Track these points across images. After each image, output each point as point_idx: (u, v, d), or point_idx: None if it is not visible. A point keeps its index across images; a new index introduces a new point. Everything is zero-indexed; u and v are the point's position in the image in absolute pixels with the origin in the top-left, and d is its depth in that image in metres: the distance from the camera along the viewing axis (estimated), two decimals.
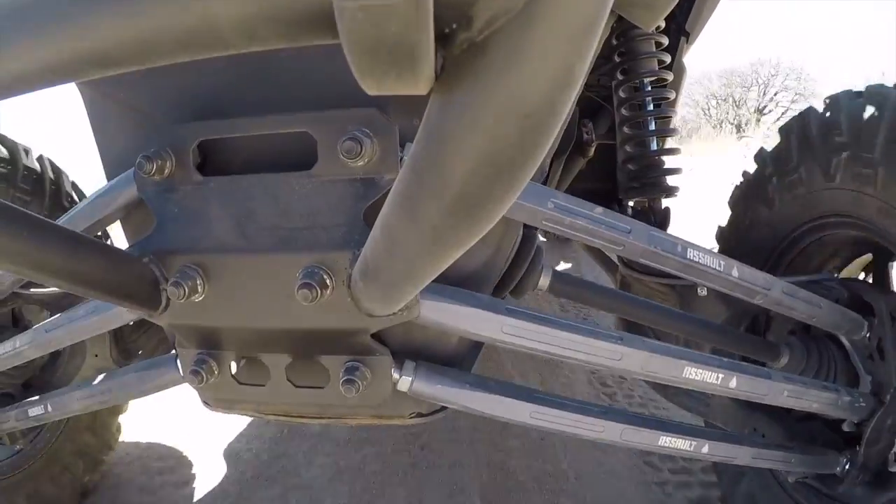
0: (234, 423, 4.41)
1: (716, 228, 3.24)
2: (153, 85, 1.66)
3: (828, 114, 2.58)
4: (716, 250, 2.20)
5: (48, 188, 3.10)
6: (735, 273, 1.97)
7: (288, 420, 1.99)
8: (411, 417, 1.93)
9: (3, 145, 2.97)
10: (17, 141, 3.08)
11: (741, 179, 3.11)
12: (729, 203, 3.16)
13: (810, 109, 2.73)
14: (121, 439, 3.88)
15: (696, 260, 1.87)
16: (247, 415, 2.03)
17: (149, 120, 1.68)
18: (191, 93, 1.64)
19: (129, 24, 0.64)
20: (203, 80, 1.62)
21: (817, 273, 2.70)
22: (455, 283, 1.66)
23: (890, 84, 2.40)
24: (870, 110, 2.34)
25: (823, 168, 2.51)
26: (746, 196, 3.02)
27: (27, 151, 3.10)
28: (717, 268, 1.93)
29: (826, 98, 2.65)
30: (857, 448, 2.39)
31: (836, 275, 2.68)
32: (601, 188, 4.36)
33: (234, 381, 1.76)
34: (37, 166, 3.11)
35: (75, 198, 3.29)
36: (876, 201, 2.29)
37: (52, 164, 3.23)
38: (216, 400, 1.93)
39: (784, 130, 2.84)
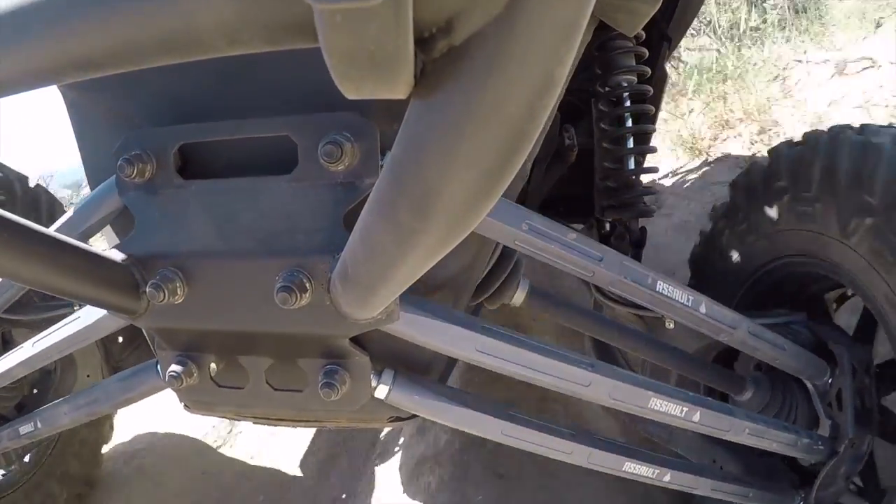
0: None
1: None
2: (135, 88, 1.66)
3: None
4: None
5: (44, 215, 3.11)
6: (703, 309, 2.00)
7: (267, 423, 1.99)
8: (390, 421, 1.94)
9: (1, 173, 2.99)
10: (14, 168, 3.11)
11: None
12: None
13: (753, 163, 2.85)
14: None
15: (665, 293, 1.90)
16: (226, 417, 2.03)
17: (130, 123, 1.67)
18: (172, 96, 1.64)
19: (109, 27, 0.64)
20: (184, 83, 1.62)
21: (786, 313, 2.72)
22: (433, 288, 1.67)
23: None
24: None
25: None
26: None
27: (23, 180, 3.11)
28: (686, 302, 1.96)
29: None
30: (811, 488, 2.43)
31: (801, 316, 2.70)
32: (582, 194, 4.37)
33: (213, 384, 1.76)
34: (34, 194, 3.13)
35: None
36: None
37: (45, 191, 3.24)
38: (195, 402, 1.93)
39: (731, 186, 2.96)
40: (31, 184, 3.15)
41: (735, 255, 2.86)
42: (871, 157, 2.23)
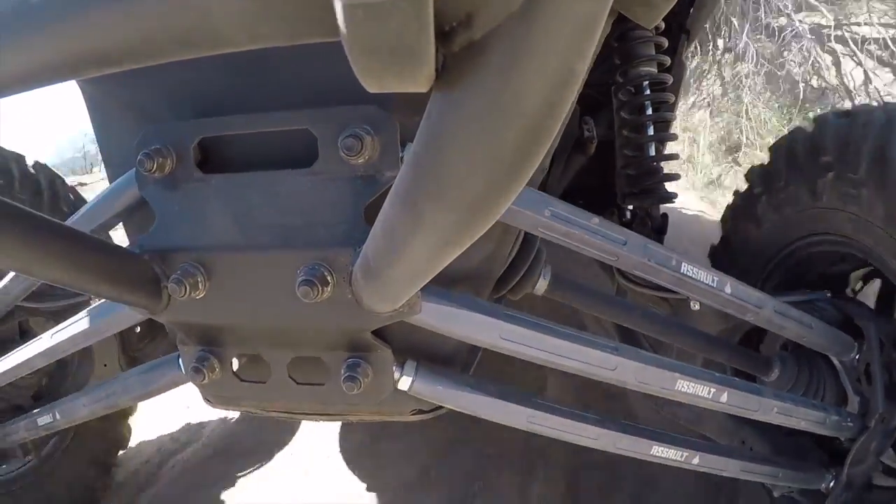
0: None
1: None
2: (154, 82, 1.66)
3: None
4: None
5: (46, 195, 3.10)
6: (728, 290, 1.98)
7: (290, 417, 1.99)
8: (412, 414, 1.93)
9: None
10: (9, 149, 3.09)
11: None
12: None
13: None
14: None
15: (690, 275, 1.88)
16: (248, 412, 2.03)
17: (149, 118, 1.68)
18: (192, 90, 1.64)
19: (129, 22, 0.64)
20: (204, 78, 1.62)
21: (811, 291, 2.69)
22: (455, 280, 1.66)
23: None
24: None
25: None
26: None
27: (20, 160, 3.09)
28: (711, 283, 1.94)
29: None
30: (842, 466, 2.40)
31: (828, 294, 2.66)
32: (602, 185, 4.36)
33: (235, 379, 1.76)
34: (33, 174, 3.11)
35: (73, 201, 3.29)
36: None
37: (46, 169, 3.22)
38: (218, 397, 1.94)
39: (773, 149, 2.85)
40: (30, 162, 3.14)
41: (769, 224, 2.80)
42: None
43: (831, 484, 2.43)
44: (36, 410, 2.49)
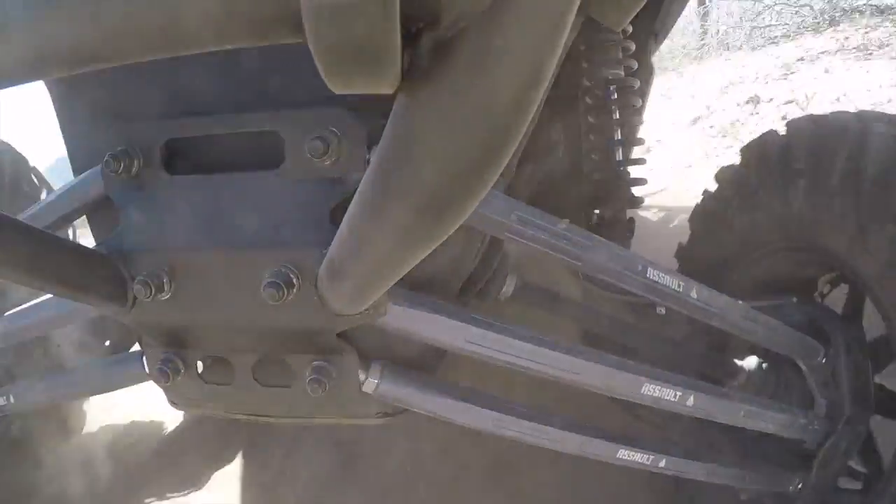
0: None
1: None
2: (121, 83, 1.65)
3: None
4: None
5: (7, 174, 3.09)
6: (694, 294, 1.99)
7: (255, 419, 1.98)
8: (378, 417, 1.93)
9: None
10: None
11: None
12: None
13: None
14: None
15: (656, 279, 1.89)
16: (213, 414, 2.02)
17: (117, 118, 1.67)
18: (159, 91, 1.64)
19: (96, 23, 0.64)
20: (171, 79, 1.62)
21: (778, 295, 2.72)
22: (420, 284, 1.66)
23: None
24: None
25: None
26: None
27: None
28: (676, 288, 1.94)
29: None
30: (810, 469, 2.42)
31: (794, 299, 2.69)
32: (571, 189, 4.37)
33: (200, 381, 1.76)
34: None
35: (36, 182, 3.27)
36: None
37: (11, 149, 3.22)
38: (182, 399, 1.93)
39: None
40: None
41: (739, 227, 2.79)
42: None
43: (799, 486, 2.45)
44: None
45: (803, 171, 2.46)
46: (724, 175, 2.95)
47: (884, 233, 2.17)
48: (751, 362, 2.64)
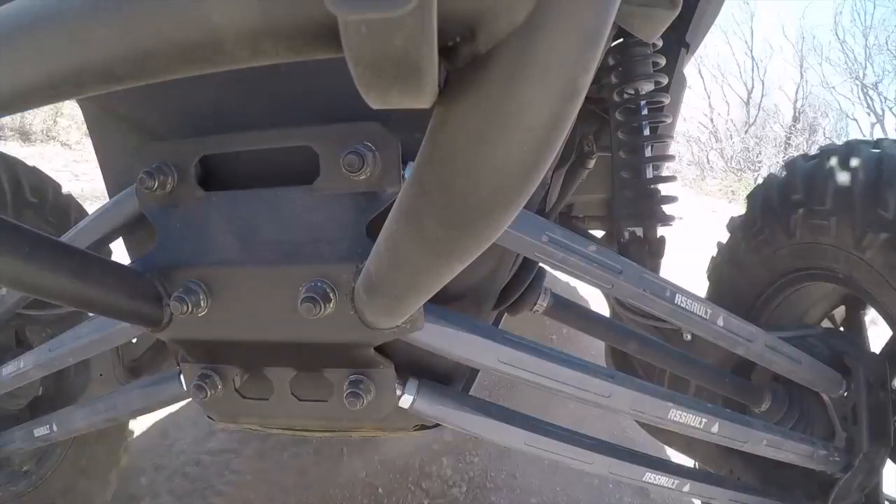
0: None
1: None
2: (154, 100, 1.66)
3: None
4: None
5: (73, 224, 3.14)
6: (720, 322, 1.99)
7: (292, 433, 1.99)
8: (415, 429, 1.94)
9: (36, 177, 3.03)
10: (50, 176, 3.16)
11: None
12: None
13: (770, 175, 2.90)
14: None
15: (683, 306, 1.89)
16: (251, 428, 2.03)
17: (150, 135, 1.68)
18: (192, 108, 1.65)
19: (130, 40, 0.64)
20: (205, 95, 1.62)
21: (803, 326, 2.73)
22: (456, 297, 1.67)
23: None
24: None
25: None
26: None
27: (56, 187, 3.16)
28: (704, 315, 1.95)
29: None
30: (827, 500, 2.43)
31: (818, 329, 2.72)
32: (601, 200, 4.37)
33: (237, 395, 1.76)
34: (64, 202, 3.16)
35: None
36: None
37: (75, 200, 3.28)
38: (220, 414, 1.93)
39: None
40: (63, 191, 3.20)
41: (751, 267, 2.90)
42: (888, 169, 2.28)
43: None
44: (32, 421, 2.47)
45: (802, 200, 2.60)
46: (732, 223, 3.12)
47: (879, 239, 2.25)
48: (775, 389, 2.64)
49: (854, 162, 2.42)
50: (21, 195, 2.93)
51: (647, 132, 2.93)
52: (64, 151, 13.64)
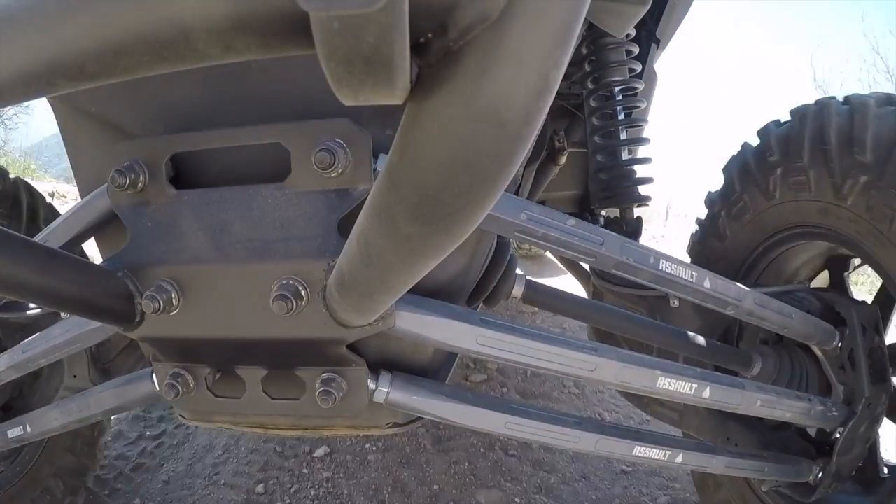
0: None
1: None
2: (125, 98, 1.65)
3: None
4: None
5: (25, 210, 3.11)
6: (707, 284, 1.99)
7: (264, 432, 1.98)
8: (388, 427, 1.93)
9: None
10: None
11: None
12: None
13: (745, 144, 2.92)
14: None
15: (669, 271, 1.89)
16: (223, 427, 2.02)
17: (121, 134, 1.67)
18: (163, 105, 1.64)
19: (101, 37, 0.63)
20: (175, 93, 1.62)
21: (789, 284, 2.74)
22: (430, 293, 1.66)
23: None
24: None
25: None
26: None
27: (4, 174, 3.12)
28: (689, 279, 1.94)
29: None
30: (830, 457, 2.43)
31: (807, 284, 2.73)
32: (574, 196, 4.39)
33: (210, 394, 1.75)
34: (13, 188, 3.13)
35: (52, 219, 3.29)
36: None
37: (27, 186, 3.25)
38: (192, 413, 1.93)
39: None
40: (11, 177, 3.17)
41: (733, 235, 2.93)
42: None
43: (819, 475, 2.46)
44: (6, 423, 2.46)
45: (779, 160, 2.66)
46: (710, 197, 3.11)
47: (858, 183, 2.30)
48: (764, 353, 2.65)
49: (827, 116, 2.48)
50: None
51: (621, 116, 2.98)
52: None
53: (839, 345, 2.49)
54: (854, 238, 2.37)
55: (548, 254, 7.63)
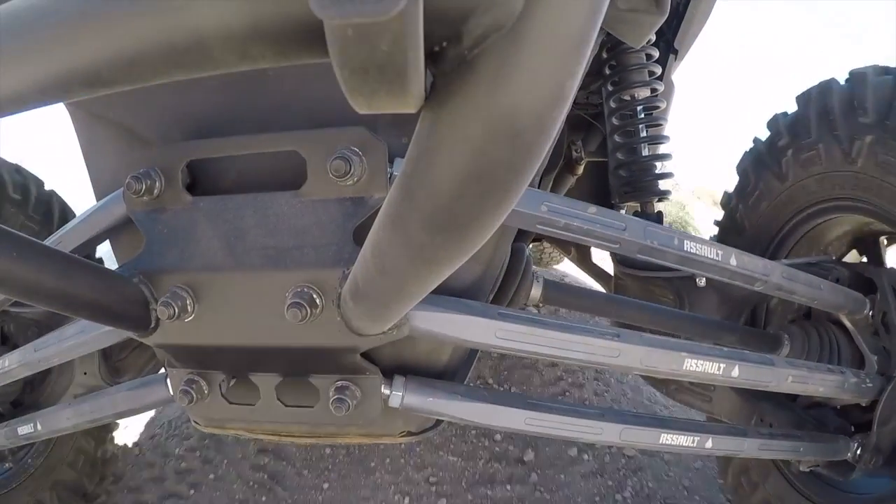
0: None
1: None
2: (142, 105, 1.66)
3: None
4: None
5: (56, 220, 3.14)
6: (733, 261, 1.95)
7: (278, 439, 1.98)
8: (401, 436, 1.93)
9: (19, 175, 3.04)
10: (32, 173, 3.17)
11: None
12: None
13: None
14: None
15: (694, 251, 1.86)
16: (236, 434, 2.02)
17: (138, 140, 1.67)
18: (180, 112, 1.64)
19: (118, 44, 0.64)
20: (192, 100, 1.62)
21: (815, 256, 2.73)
22: None
23: None
24: None
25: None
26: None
27: (40, 184, 3.16)
28: (715, 257, 1.91)
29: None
30: (869, 430, 2.37)
31: (830, 256, 2.71)
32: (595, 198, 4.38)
33: (224, 401, 1.75)
34: (47, 198, 3.17)
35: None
36: None
37: (59, 197, 3.28)
38: (206, 419, 1.93)
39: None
40: (46, 188, 3.20)
41: (751, 227, 2.93)
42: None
43: (857, 451, 2.41)
44: (17, 419, 2.47)
45: (788, 143, 2.73)
46: (726, 196, 3.15)
47: (865, 143, 2.38)
48: (792, 332, 2.63)
49: (829, 93, 2.59)
50: (4, 193, 2.94)
51: (641, 115, 3.01)
52: None
53: (870, 312, 2.47)
54: (871, 200, 2.40)
55: (566, 261, 7.58)
